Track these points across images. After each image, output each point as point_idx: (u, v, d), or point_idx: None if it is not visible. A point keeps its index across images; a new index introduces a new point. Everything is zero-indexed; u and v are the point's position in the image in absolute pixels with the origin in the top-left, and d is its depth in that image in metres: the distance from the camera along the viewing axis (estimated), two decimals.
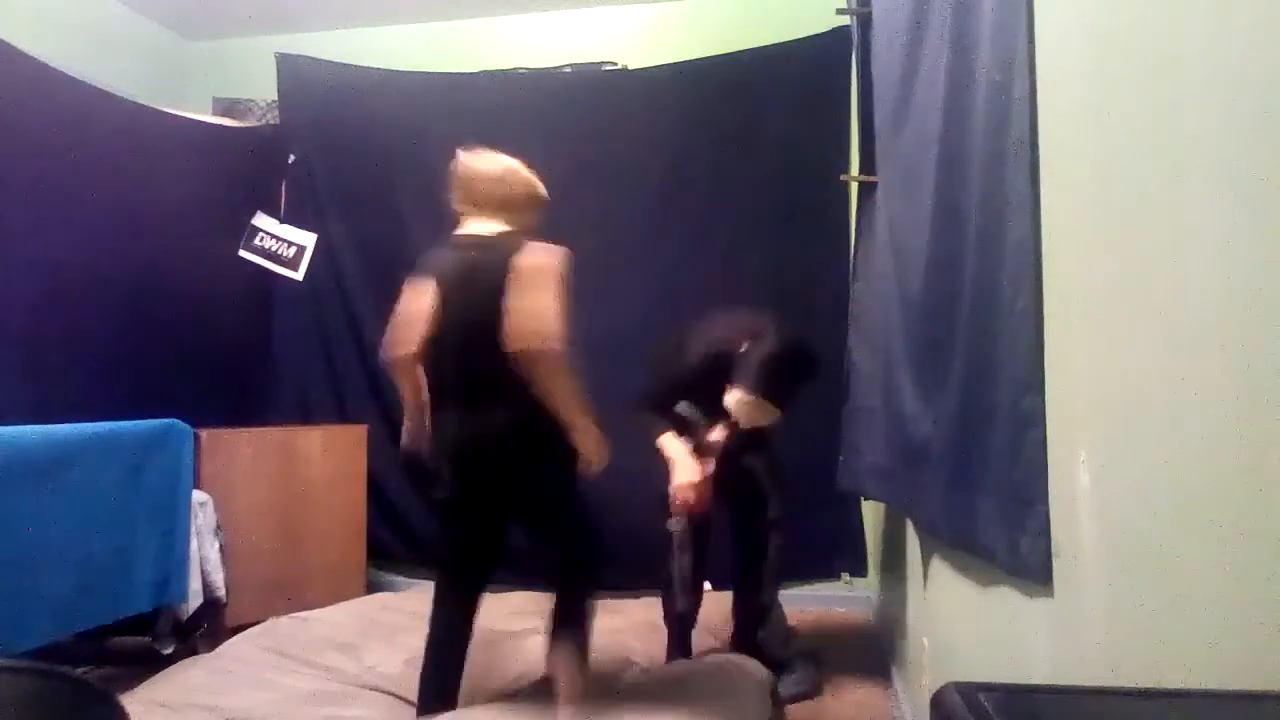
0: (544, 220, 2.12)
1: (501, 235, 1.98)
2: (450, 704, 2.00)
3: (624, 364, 2.91)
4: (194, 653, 2.68)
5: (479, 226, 2.03)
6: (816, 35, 3.47)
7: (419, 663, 2.48)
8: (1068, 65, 1.03)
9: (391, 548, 3.79)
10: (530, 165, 2.20)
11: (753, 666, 2.35)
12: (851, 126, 3.34)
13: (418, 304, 1.96)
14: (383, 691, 2.33)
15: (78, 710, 0.95)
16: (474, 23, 4.09)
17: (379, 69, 3.89)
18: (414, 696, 2.14)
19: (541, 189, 2.13)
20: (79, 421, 2.48)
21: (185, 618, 2.72)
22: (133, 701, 2.09)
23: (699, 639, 2.63)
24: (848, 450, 2.71)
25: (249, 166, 3.81)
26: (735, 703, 2.11)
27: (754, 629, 2.58)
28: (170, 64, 4.24)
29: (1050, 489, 1.06)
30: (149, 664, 2.54)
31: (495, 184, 2.05)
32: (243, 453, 3.13)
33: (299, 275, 3.87)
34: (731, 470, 2.45)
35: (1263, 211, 0.62)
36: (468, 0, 3.96)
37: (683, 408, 2.44)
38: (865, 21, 2.59)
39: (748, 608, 2.60)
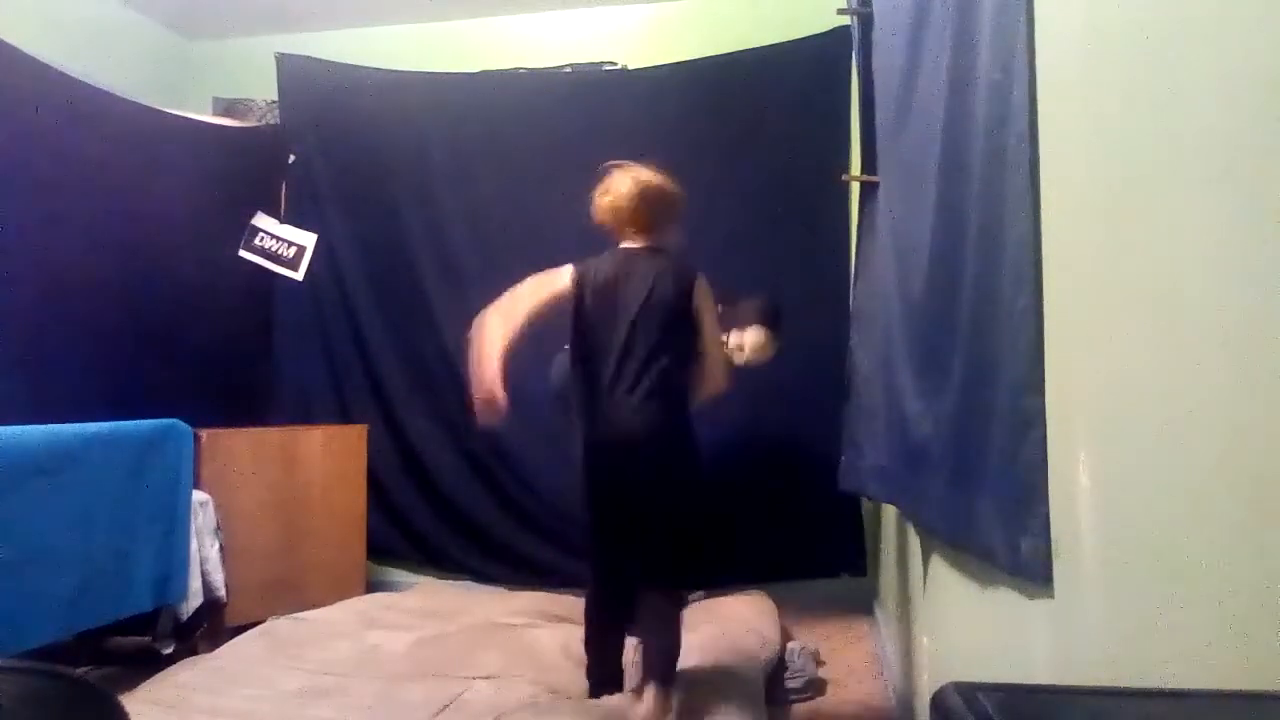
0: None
1: (656, 251, 2.20)
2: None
3: None
4: (194, 653, 2.68)
5: (638, 241, 2.20)
6: (816, 35, 3.47)
7: (423, 643, 2.53)
8: (1068, 65, 1.03)
9: (392, 547, 3.79)
10: (530, 165, 2.25)
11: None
12: (851, 126, 3.34)
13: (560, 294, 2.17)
14: (383, 676, 2.34)
15: (78, 710, 0.95)
16: (474, 23, 4.09)
17: (379, 69, 3.89)
18: (415, 677, 2.19)
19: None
20: (79, 421, 2.48)
21: (185, 618, 2.72)
22: (133, 701, 2.09)
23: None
24: (849, 450, 2.71)
25: (249, 166, 3.81)
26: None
27: None
28: (170, 64, 4.24)
29: (1050, 489, 1.06)
30: (149, 664, 2.54)
31: (669, 203, 2.25)
32: (243, 453, 3.13)
33: (299, 275, 3.87)
34: None
35: (1263, 210, 0.62)
36: (468, 0, 3.96)
37: None
38: (865, 21, 2.59)
39: None
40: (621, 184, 2.18)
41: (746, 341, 2.37)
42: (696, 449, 2.20)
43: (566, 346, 2.86)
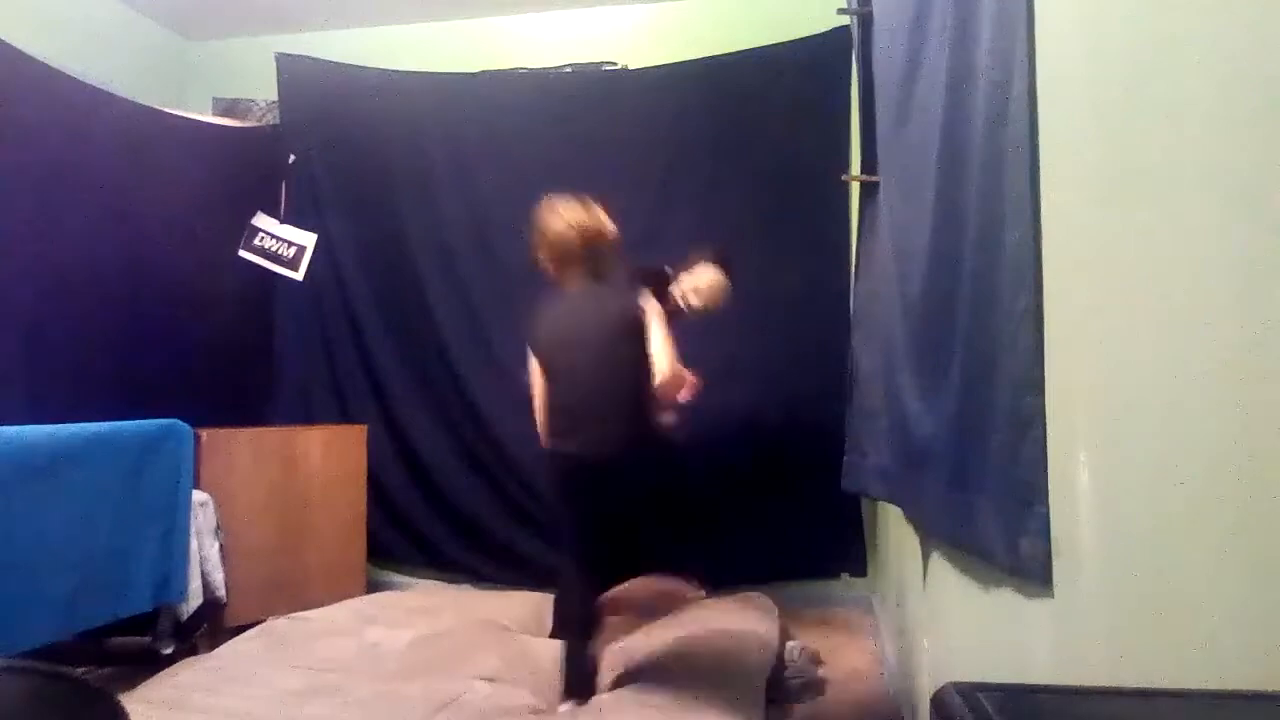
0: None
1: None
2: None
3: None
4: (194, 653, 2.68)
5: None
6: (816, 35, 3.47)
7: (422, 643, 2.54)
8: (1068, 64, 1.03)
9: (392, 547, 3.79)
10: (530, 165, 2.27)
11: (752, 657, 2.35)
12: (851, 126, 3.34)
13: None
14: (382, 675, 2.33)
15: (78, 710, 0.95)
16: (474, 23, 4.09)
17: (379, 69, 3.89)
18: (414, 677, 2.23)
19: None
20: (79, 421, 2.48)
21: (185, 618, 2.72)
22: (133, 701, 2.08)
23: None
24: (852, 450, 2.71)
25: (249, 166, 3.81)
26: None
27: None
28: (170, 64, 4.24)
29: (1050, 489, 1.06)
30: (149, 664, 2.54)
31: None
32: (243, 453, 3.13)
33: (299, 275, 3.87)
34: None
35: (1262, 210, 0.61)
36: (468, 0, 3.97)
37: None
38: (865, 21, 2.59)
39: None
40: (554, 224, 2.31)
41: (699, 281, 2.39)
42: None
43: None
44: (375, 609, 3.03)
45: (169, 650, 2.66)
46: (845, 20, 3.07)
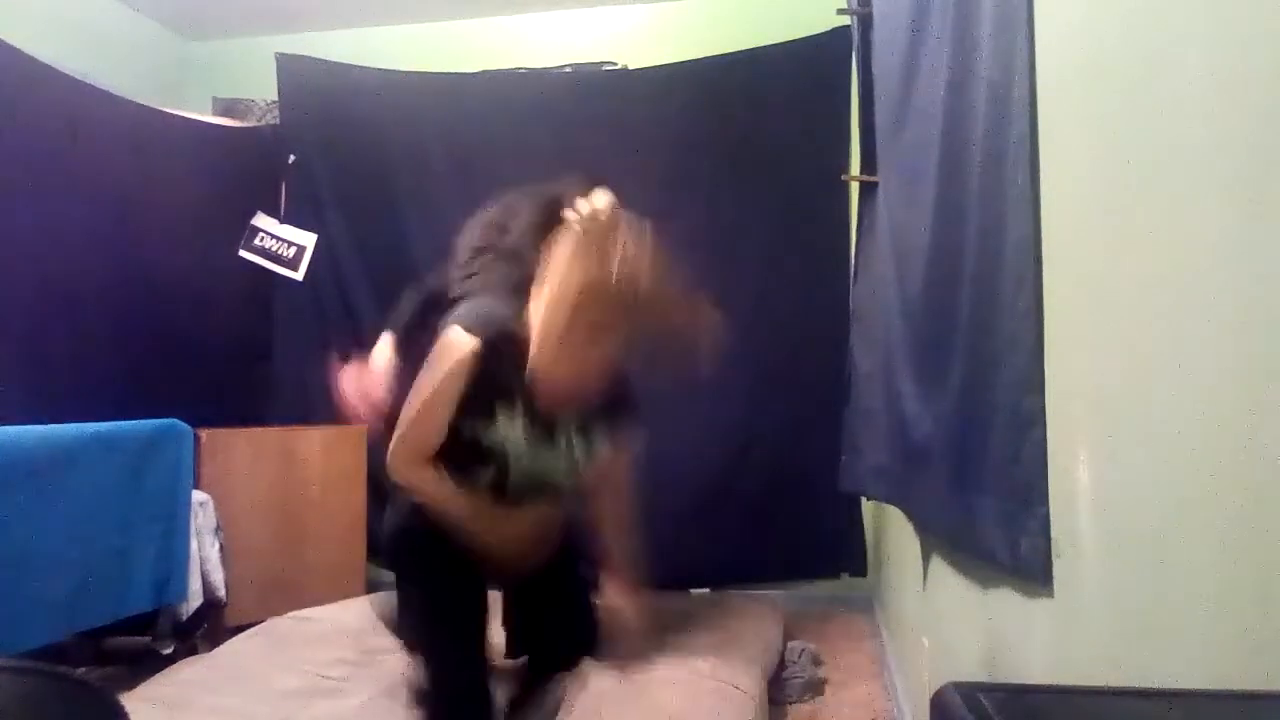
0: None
1: None
2: None
3: None
4: (194, 653, 2.68)
5: None
6: (816, 35, 3.47)
7: None
8: (1068, 65, 1.03)
9: None
10: (530, 166, 1.94)
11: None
12: (851, 126, 3.34)
13: None
14: (383, 675, 2.33)
15: (78, 710, 0.95)
16: (474, 23, 4.10)
17: (379, 69, 3.89)
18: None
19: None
20: (79, 421, 2.48)
21: (185, 618, 2.72)
22: (132, 701, 2.08)
23: None
24: (849, 450, 2.72)
25: (249, 166, 3.81)
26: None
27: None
28: (170, 64, 4.25)
29: (1050, 489, 1.06)
30: (149, 664, 2.54)
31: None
32: (243, 453, 3.13)
33: (299, 275, 3.87)
34: None
35: (1264, 210, 0.61)
36: (468, 0, 3.97)
37: None
38: (865, 21, 2.59)
39: None
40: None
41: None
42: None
43: None
44: (377, 609, 3.03)
45: (169, 650, 2.66)
46: (845, 20, 3.07)
